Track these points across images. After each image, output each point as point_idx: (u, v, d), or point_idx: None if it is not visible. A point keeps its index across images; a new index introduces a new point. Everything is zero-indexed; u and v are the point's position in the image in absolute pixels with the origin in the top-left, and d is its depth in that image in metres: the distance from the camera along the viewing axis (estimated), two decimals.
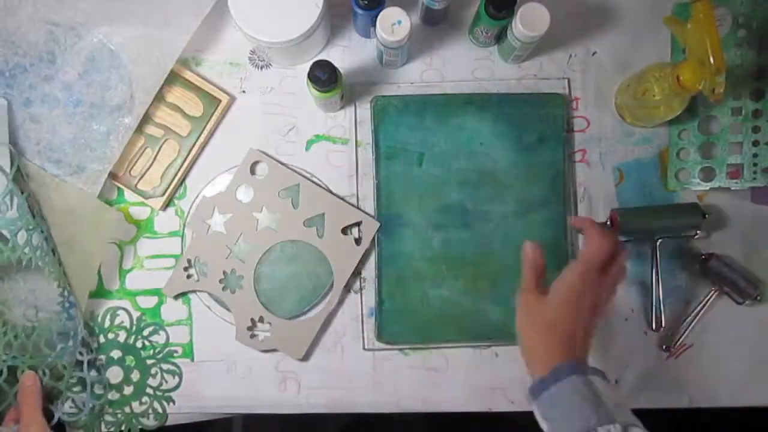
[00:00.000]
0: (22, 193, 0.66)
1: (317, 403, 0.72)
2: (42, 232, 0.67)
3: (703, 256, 0.73)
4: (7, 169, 0.66)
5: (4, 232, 0.64)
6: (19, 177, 0.67)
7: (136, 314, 0.73)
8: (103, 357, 0.72)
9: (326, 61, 0.64)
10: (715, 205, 0.74)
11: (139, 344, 0.72)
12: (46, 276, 0.67)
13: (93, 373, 0.70)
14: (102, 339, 0.72)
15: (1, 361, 0.64)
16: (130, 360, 0.72)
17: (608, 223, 0.72)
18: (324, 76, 0.64)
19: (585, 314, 0.57)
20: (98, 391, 0.70)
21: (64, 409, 0.68)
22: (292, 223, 0.72)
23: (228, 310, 0.72)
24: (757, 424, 0.83)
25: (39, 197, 0.69)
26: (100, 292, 0.72)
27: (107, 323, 0.72)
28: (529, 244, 0.61)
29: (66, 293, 0.69)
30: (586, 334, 0.57)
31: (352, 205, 0.73)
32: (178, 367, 0.72)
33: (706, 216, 0.70)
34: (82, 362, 0.69)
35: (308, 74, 0.64)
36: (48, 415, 0.66)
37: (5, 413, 0.66)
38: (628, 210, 0.72)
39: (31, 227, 0.66)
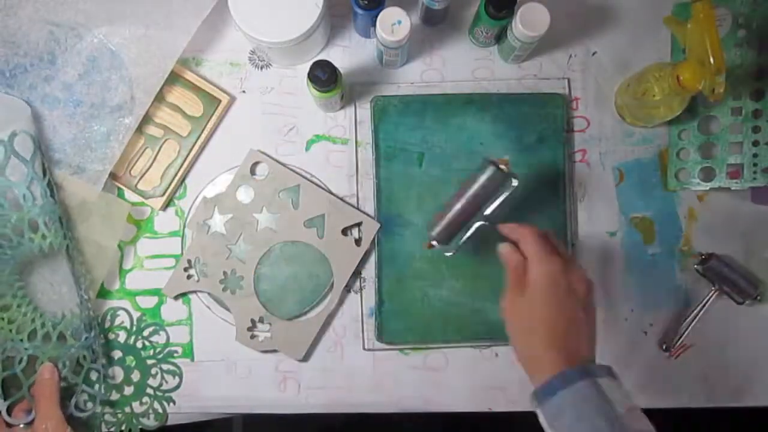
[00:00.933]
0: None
1: (317, 403, 0.72)
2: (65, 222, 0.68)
3: (703, 256, 0.73)
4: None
5: (46, 219, 0.65)
6: None
7: (136, 314, 0.73)
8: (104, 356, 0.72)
9: (326, 61, 0.64)
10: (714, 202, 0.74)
11: (139, 344, 0.72)
12: (72, 264, 0.68)
13: (101, 368, 0.70)
14: (102, 339, 0.72)
15: (23, 349, 0.64)
16: (130, 360, 0.72)
17: (435, 245, 0.66)
18: (324, 76, 0.64)
19: (566, 303, 0.55)
20: (102, 389, 0.70)
21: (77, 403, 0.68)
22: (292, 224, 0.72)
23: (228, 310, 0.72)
24: (757, 424, 0.84)
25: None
26: (100, 293, 0.72)
27: (107, 323, 0.72)
28: (505, 247, 0.60)
29: (87, 283, 0.69)
30: (578, 326, 0.55)
31: (352, 206, 0.73)
32: (178, 367, 0.72)
33: (502, 167, 0.62)
34: (96, 356, 0.69)
35: (308, 74, 0.64)
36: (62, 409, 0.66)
37: (16, 404, 0.65)
38: (442, 229, 0.65)
39: (62, 216, 0.67)
